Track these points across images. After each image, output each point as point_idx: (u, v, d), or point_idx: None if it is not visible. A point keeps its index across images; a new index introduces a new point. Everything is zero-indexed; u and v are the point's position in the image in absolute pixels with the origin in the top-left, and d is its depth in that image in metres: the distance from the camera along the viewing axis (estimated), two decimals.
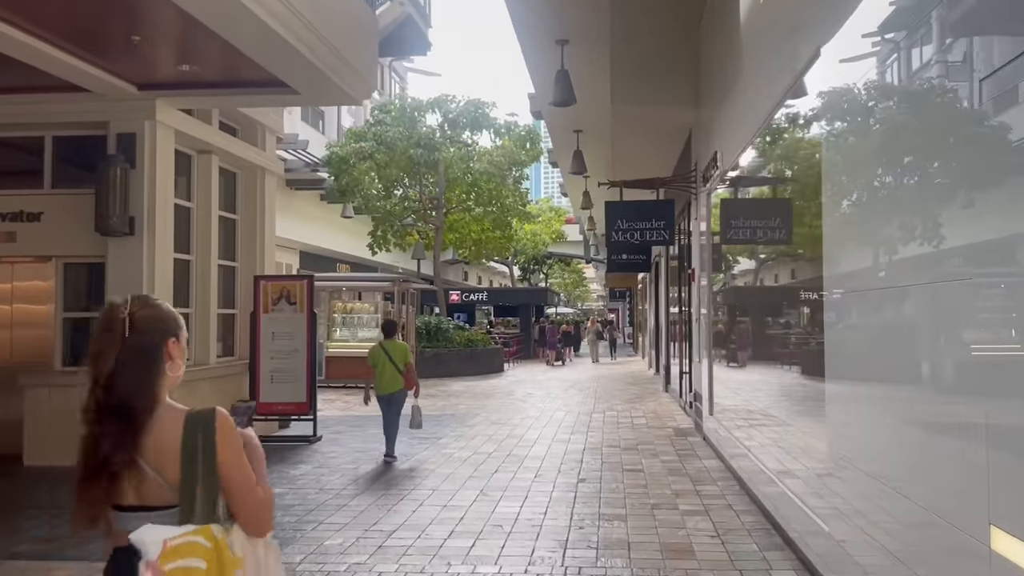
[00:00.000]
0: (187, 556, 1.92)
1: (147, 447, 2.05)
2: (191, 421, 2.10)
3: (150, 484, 2.04)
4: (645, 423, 12.29)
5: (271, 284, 10.87)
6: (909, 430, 3.63)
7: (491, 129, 24.35)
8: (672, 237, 11.22)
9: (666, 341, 17.22)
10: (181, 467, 2.04)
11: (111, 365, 2.07)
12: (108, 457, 2.02)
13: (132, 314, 2.13)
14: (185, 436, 2.07)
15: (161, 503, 2.04)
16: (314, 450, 9.98)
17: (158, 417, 2.09)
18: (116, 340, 2.09)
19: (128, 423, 2.05)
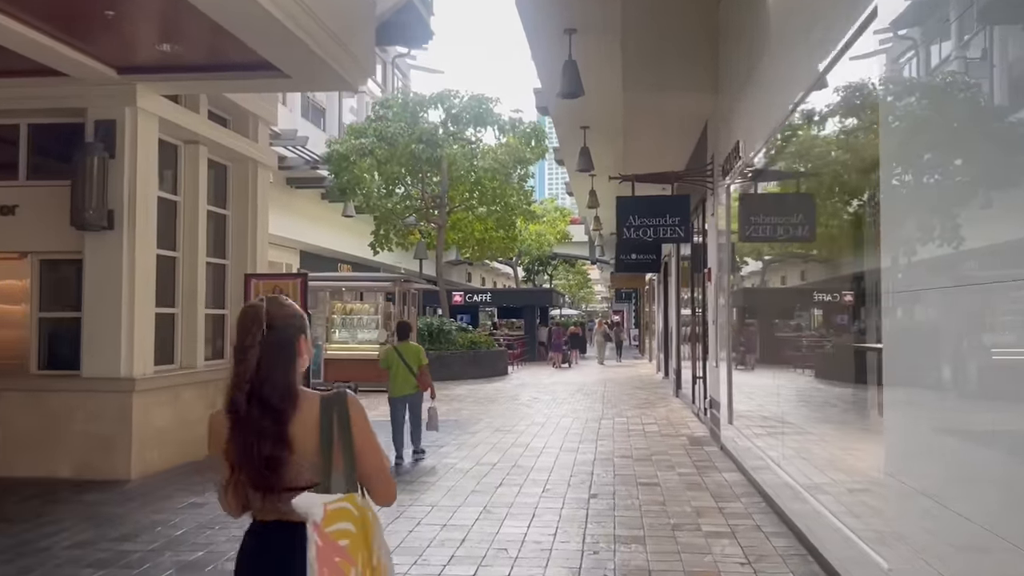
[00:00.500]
0: (341, 520, 2.12)
1: (293, 436, 2.22)
2: (325, 405, 2.27)
3: (297, 465, 2.21)
4: (657, 431, 11.67)
5: (263, 283, 10.27)
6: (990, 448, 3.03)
7: (495, 125, 23.73)
8: (688, 234, 10.61)
9: (676, 344, 16.60)
10: (320, 447, 2.22)
11: (254, 362, 2.23)
12: (270, 454, 2.18)
13: (270, 313, 2.29)
14: (322, 419, 2.24)
15: (304, 483, 2.20)
16: None
17: (298, 407, 2.25)
18: (257, 338, 2.25)
19: (277, 417, 2.21)
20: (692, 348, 13.73)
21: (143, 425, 8.27)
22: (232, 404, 2.25)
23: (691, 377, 13.68)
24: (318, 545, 2.10)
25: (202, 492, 7.52)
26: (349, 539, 2.13)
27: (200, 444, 9.55)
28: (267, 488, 2.23)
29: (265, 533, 2.29)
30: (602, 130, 14.77)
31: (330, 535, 2.11)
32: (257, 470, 2.22)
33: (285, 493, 2.21)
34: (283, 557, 2.21)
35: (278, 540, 2.24)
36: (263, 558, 2.28)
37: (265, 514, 2.28)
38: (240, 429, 2.23)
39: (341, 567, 2.11)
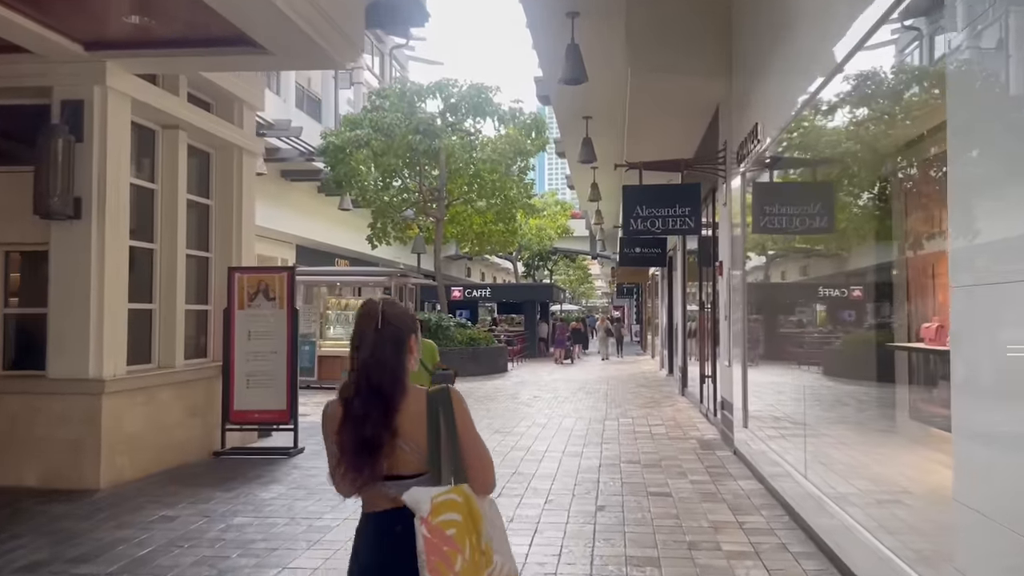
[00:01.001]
0: (448, 511, 2.25)
1: (401, 425, 2.35)
2: (432, 399, 2.41)
3: (403, 455, 2.35)
4: (665, 433, 11.08)
5: (247, 277, 9.67)
6: None
7: (494, 116, 23.08)
8: (698, 225, 10.00)
9: (682, 341, 16.00)
10: (428, 438, 2.37)
11: (368, 351, 2.39)
12: (373, 436, 2.32)
13: (384, 310, 2.44)
14: (429, 412, 2.39)
15: (411, 471, 2.35)
16: (293, 465, 8.79)
17: (406, 399, 2.39)
18: (373, 330, 2.40)
19: (386, 404, 2.35)
20: (700, 345, 13.13)
21: (114, 430, 7.68)
22: (345, 390, 2.41)
23: (699, 376, 13.09)
24: (426, 537, 2.21)
25: (175, 504, 6.92)
26: (456, 528, 2.24)
27: (178, 449, 8.97)
28: (365, 472, 2.33)
29: (376, 524, 2.40)
30: (605, 120, 14.22)
31: (438, 526, 2.22)
32: (358, 452, 2.33)
33: (394, 480, 2.34)
34: (392, 542, 2.32)
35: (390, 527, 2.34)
36: (378, 545, 2.39)
37: (376, 504, 2.39)
38: (350, 413, 2.37)
39: (449, 555, 2.21)
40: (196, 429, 9.15)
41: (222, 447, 9.46)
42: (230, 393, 9.53)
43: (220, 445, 9.46)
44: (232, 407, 9.53)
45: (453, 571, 2.22)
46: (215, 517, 6.48)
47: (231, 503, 6.96)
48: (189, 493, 7.33)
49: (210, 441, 9.39)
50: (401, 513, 2.29)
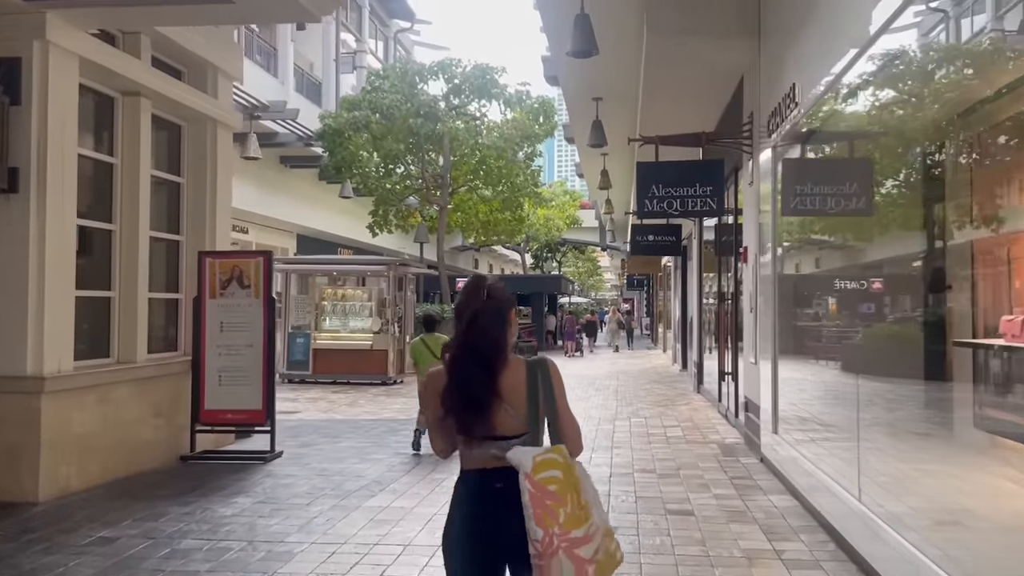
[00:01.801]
0: (549, 469, 2.46)
1: (502, 389, 2.59)
2: (530, 367, 2.65)
3: (505, 418, 2.58)
4: (682, 435, 10.09)
5: (220, 262, 8.72)
6: None
7: (500, 99, 22.00)
8: (721, 206, 8.98)
9: (698, 335, 15.00)
10: (527, 402, 2.60)
11: (473, 321, 2.62)
12: (477, 396, 2.56)
13: (490, 285, 2.69)
14: (528, 379, 2.62)
15: (512, 433, 2.58)
16: (266, 473, 7.84)
17: (507, 365, 2.62)
18: (478, 301, 2.65)
19: (488, 367, 2.59)
20: (719, 340, 12.13)
21: (57, 434, 6.75)
22: (451, 357, 2.63)
23: (717, 372, 12.09)
24: (530, 492, 2.44)
25: (119, 521, 5.98)
26: (557, 484, 2.45)
27: (139, 454, 7.99)
28: (472, 431, 2.57)
29: (478, 480, 2.61)
30: (616, 101, 13.34)
31: (540, 482, 2.44)
32: (464, 413, 2.56)
33: (496, 441, 2.57)
34: (493, 497, 2.55)
35: (486, 484, 2.58)
36: (480, 499, 2.60)
37: (477, 462, 2.61)
38: (455, 377, 2.60)
39: (552, 508, 2.43)
40: (161, 431, 8.22)
41: (191, 450, 8.53)
42: (200, 391, 8.59)
43: (189, 448, 8.53)
44: (202, 406, 8.59)
45: (557, 523, 2.41)
46: (160, 540, 5.54)
47: (184, 521, 6.01)
48: (140, 507, 6.39)
49: (178, 444, 8.46)
50: (501, 471, 2.52)
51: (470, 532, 2.60)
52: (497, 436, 2.56)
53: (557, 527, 2.41)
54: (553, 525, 2.40)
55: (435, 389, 2.63)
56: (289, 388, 16.13)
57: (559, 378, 2.68)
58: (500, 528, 2.53)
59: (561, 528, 2.41)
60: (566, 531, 2.41)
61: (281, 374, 17.18)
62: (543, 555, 2.40)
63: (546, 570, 2.40)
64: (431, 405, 2.66)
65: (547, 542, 2.40)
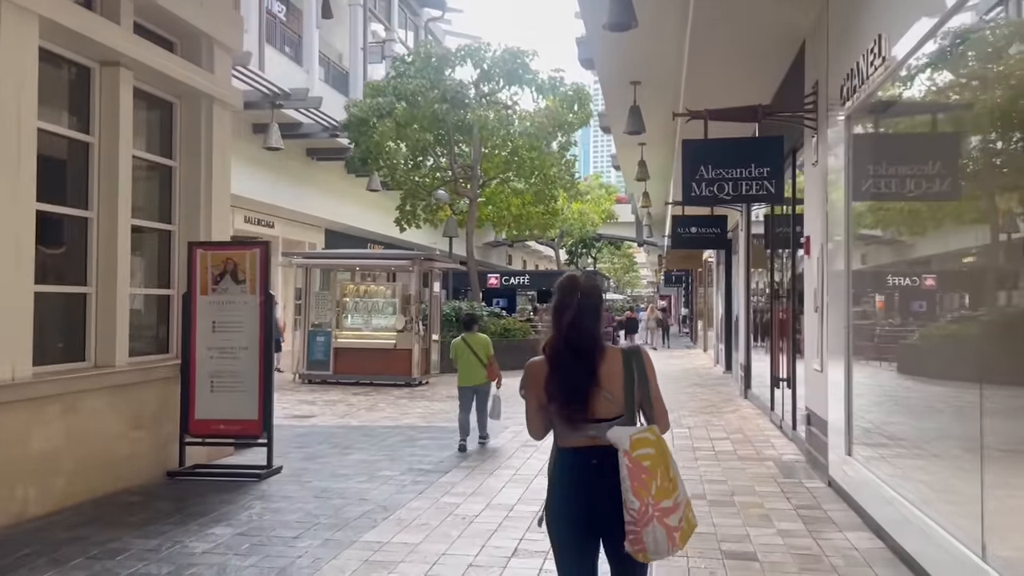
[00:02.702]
0: (644, 446, 2.73)
1: (601, 377, 2.88)
2: (626, 356, 2.95)
3: (603, 402, 2.86)
4: (732, 450, 8.96)
5: (212, 254, 7.79)
6: None
7: (532, 85, 20.91)
8: (780, 190, 7.82)
9: (745, 334, 13.80)
10: (624, 388, 2.89)
11: (571, 318, 2.90)
12: (580, 387, 2.85)
13: (583, 283, 2.99)
14: (625, 366, 2.92)
15: (609, 415, 2.86)
16: (258, 493, 6.88)
17: (604, 355, 2.91)
18: (575, 300, 2.93)
19: (588, 360, 2.88)
20: (771, 342, 10.95)
21: (10, 451, 5.85)
22: (552, 350, 2.93)
23: (769, 377, 10.91)
24: (628, 467, 2.71)
25: (66, 560, 5.03)
26: (651, 460, 2.72)
27: (117, 471, 6.88)
28: (575, 417, 2.85)
29: (577, 457, 2.89)
30: (655, 84, 12.31)
31: (637, 458, 2.71)
32: (568, 402, 2.86)
33: (594, 423, 2.84)
34: (592, 472, 2.84)
35: (585, 461, 2.86)
36: (579, 475, 2.88)
37: (573, 442, 2.89)
38: (557, 370, 2.89)
39: (646, 481, 2.70)
40: (144, 444, 7.31)
41: (180, 465, 7.62)
42: (190, 398, 7.67)
43: (178, 462, 7.62)
44: (192, 416, 7.67)
45: (650, 493, 2.69)
46: None
47: (145, 559, 5.05)
48: (100, 539, 5.46)
49: (164, 457, 7.56)
50: (598, 448, 2.82)
51: (570, 502, 2.88)
52: (595, 419, 2.85)
53: (651, 498, 2.67)
54: (647, 496, 2.67)
55: (536, 379, 2.94)
56: (308, 389, 15.27)
57: (652, 364, 3.01)
58: (596, 498, 2.82)
59: (654, 499, 2.68)
60: (657, 502, 2.68)
61: (300, 374, 16.35)
62: (639, 523, 2.67)
63: (641, 536, 2.67)
64: (532, 393, 2.95)
65: (643, 511, 2.67)
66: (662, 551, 2.70)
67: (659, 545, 2.68)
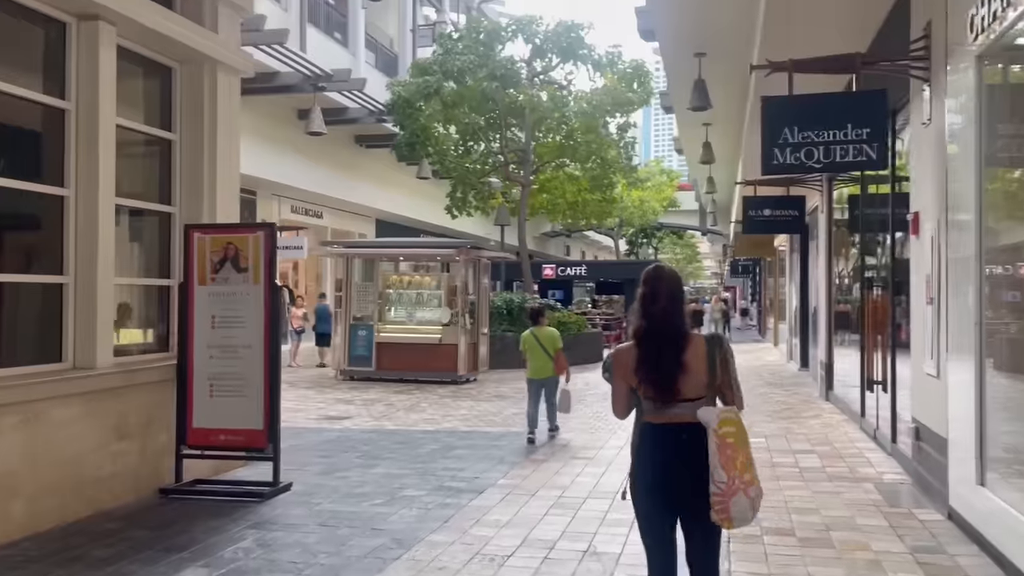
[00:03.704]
0: (729, 425, 3.02)
1: (686, 361, 3.14)
2: (708, 341, 3.21)
3: (688, 384, 3.12)
4: (819, 466, 7.60)
5: (211, 237, 6.77)
6: None
7: (588, 62, 19.56)
8: (882, 155, 6.40)
9: (826, 330, 12.31)
10: (708, 370, 3.15)
11: (659, 307, 3.19)
12: (668, 371, 3.13)
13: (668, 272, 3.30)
14: (708, 351, 3.18)
15: (693, 396, 3.12)
16: (255, 520, 5.83)
17: (689, 342, 3.18)
18: (662, 288, 3.21)
19: (675, 346, 3.15)
20: (863, 337, 9.51)
21: None
22: (641, 336, 3.21)
23: (861, 379, 9.47)
24: (716, 443, 2.99)
25: None
26: (734, 437, 3.02)
27: (96, 490, 5.50)
28: (664, 398, 3.13)
29: (663, 433, 3.16)
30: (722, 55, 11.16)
31: (723, 435, 3.00)
32: (658, 384, 3.13)
33: (680, 403, 3.12)
34: (678, 446, 3.11)
35: (673, 436, 3.13)
36: (664, 449, 3.15)
37: (660, 419, 3.16)
38: (646, 354, 3.17)
39: (732, 456, 2.99)
40: (131, 458, 6.34)
41: (176, 480, 6.64)
42: (188, 404, 6.68)
43: (175, 478, 6.64)
44: (190, 424, 6.68)
45: (734, 466, 2.98)
46: None
47: None
48: None
49: (156, 472, 6.58)
50: (684, 426, 3.10)
51: (658, 474, 3.17)
52: (680, 399, 3.13)
53: (736, 471, 2.99)
54: (733, 470, 2.99)
55: (624, 363, 3.24)
56: (348, 387, 14.32)
57: (731, 350, 3.28)
58: (681, 470, 3.11)
59: (738, 472, 2.99)
60: (741, 475, 2.99)
61: (342, 371, 15.42)
62: (726, 494, 2.97)
63: (728, 506, 2.97)
64: (619, 376, 3.26)
65: (730, 483, 2.97)
66: (747, 519, 3.01)
67: (744, 513, 2.99)
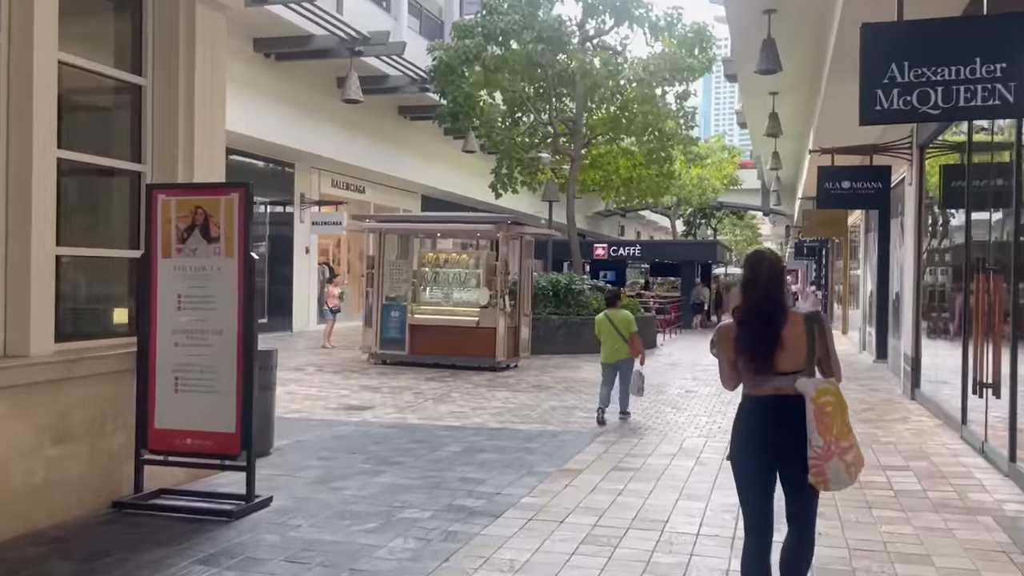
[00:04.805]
0: (826, 395, 3.25)
1: (786, 338, 3.37)
2: (807, 319, 3.43)
3: (788, 358, 3.35)
4: (919, 488, 6.16)
5: (177, 200, 5.62)
6: None
7: (644, 24, 18.02)
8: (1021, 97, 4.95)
9: (913, 318, 10.72)
10: (806, 346, 3.38)
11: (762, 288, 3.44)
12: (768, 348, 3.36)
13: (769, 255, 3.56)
14: (807, 328, 3.40)
15: (793, 369, 3.36)
16: (213, 550, 4.67)
17: (788, 319, 3.41)
18: (764, 270, 3.46)
19: (775, 324, 3.38)
20: (969, 331, 7.97)
21: None
22: (743, 315, 3.46)
23: (963, 380, 7.95)
24: (814, 411, 3.23)
25: None
26: (831, 407, 3.24)
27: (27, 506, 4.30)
28: (764, 370, 3.37)
29: (764, 403, 3.41)
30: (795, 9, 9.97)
31: (820, 404, 3.23)
32: (757, 359, 3.38)
33: (779, 376, 3.35)
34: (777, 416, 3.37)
35: (773, 407, 3.38)
36: (764, 418, 3.41)
37: (761, 391, 3.42)
38: (748, 332, 3.43)
39: (828, 424, 3.23)
40: (73, 464, 5.24)
41: (136, 491, 5.54)
42: (149, 400, 5.58)
43: (134, 487, 5.55)
44: (152, 423, 5.57)
45: (831, 434, 3.22)
46: None
47: None
48: None
49: (112, 481, 5.49)
50: (783, 397, 3.34)
51: (757, 442, 3.43)
52: (781, 372, 3.36)
53: (832, 437, 3.22)
54: (830, 436, 3.22)
55: (727, 340, 3.49)
56: (378, 372, 13.23)
57: (829, 327, 3.55)
58: (781, 437, 3.35)
59: (835, 438, 3.23)
60: (837, 441, 3.24)
61: (373, 354, 14.32)
62: (822, 457, 3.22)
63: (824, 469, 3.22)
64: (724, 351, 3.50)
65: (826, 448, 3.22)
66: (842, 481, 3.27)
67: (839, 476, 3.25)
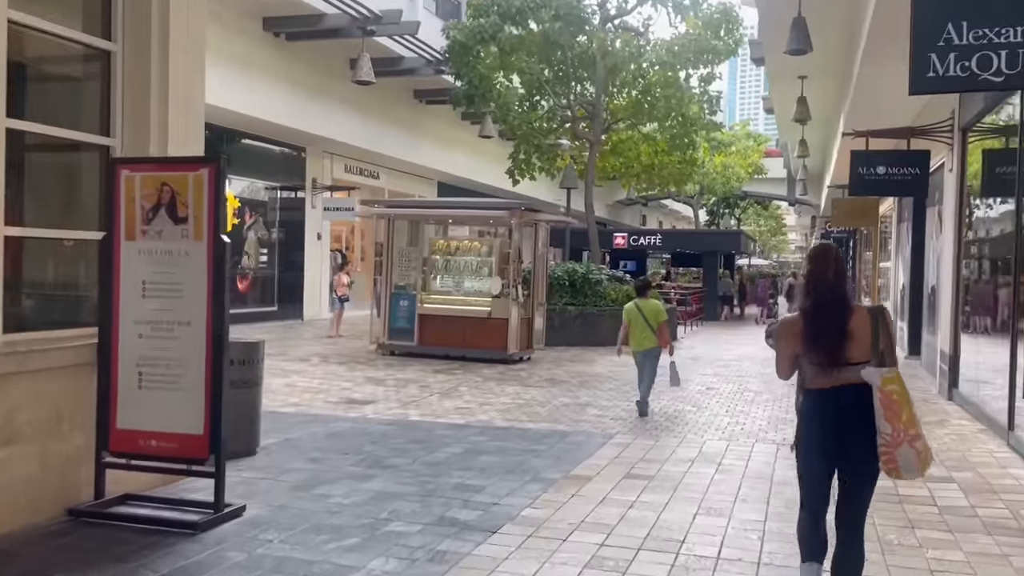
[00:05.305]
0: (892, 384, 3.38)
1: (851, 330, 3.51)
2: (871, 312, 3.60)
3: (853, 350, 3.49)
4: (967, 505, 5.52)
5: (142, 176, 5.08)
6: None
7: (668, 3, 17.31)
8: None
9: (952, 313, 10.00)
10: (872, 337, 3.51)
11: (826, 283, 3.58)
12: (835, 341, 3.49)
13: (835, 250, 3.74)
14: (872, 320, 3.55)
15: (858, 360, 3.49)
16: (168, 571, 4.16)
17: (852, 312, 3.56)
18: (831, 264, 3.62)
19: (841, 317, 3.52)
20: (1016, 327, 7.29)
21: None
22: (810, 309, 3.59)
23: (1011, 382, 7.27)
24: (880, 399, 3.35)
25: None
26: (897, 395, 3.36)
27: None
28: (831, 363, 3.50)
29: (828, 395, 3.53)
30: None
31: (887, 392, 3.36)
32: (824, 351, 3.51)
33: (845, 367, 3.47)
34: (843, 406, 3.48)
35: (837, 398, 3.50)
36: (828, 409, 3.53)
37: (825, 383, 3.53)
38: (814, 326, 3.55)
39: (896, 411, 3.33)
40: (22, 467, 4.73)
41: (96, 496, 5.04)
42: (111, 397, 5.06)
43: (94, 493, 5.04)
44: (113, 423, 5.06)
45: (900, 421, 3.33)
46: None
47: None
48: None
49: (68, 486, 4.99)
50: (849, 388, 3.46)
51: (821, 433, 3.54)
52: (846, 363, 3.48)
53: (901, 425, 3.32)
54: (898, 423, 3.32)
55: (791, 332, 3.64)
56: (385, 363, 12.72)
57: (891, 321, 3.70)
58: (847, 426, 3.46)
59: (903, 426, 3.33)
60: (906, 429, 3.33)
61: (381, 344, 13.81)
62: (891, 445, 3.34)
63: (894, 456, 3.34)
64: (785, 344, 3.66)
65: (895, 435, 3.33)
66: (912, 469, 3.37)
67: (910, 463, 3.35)
